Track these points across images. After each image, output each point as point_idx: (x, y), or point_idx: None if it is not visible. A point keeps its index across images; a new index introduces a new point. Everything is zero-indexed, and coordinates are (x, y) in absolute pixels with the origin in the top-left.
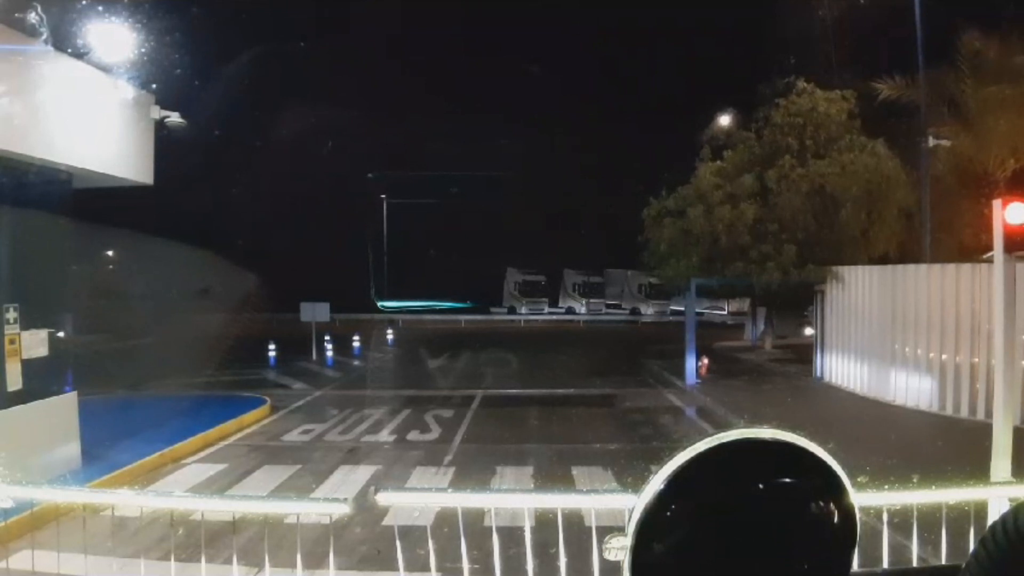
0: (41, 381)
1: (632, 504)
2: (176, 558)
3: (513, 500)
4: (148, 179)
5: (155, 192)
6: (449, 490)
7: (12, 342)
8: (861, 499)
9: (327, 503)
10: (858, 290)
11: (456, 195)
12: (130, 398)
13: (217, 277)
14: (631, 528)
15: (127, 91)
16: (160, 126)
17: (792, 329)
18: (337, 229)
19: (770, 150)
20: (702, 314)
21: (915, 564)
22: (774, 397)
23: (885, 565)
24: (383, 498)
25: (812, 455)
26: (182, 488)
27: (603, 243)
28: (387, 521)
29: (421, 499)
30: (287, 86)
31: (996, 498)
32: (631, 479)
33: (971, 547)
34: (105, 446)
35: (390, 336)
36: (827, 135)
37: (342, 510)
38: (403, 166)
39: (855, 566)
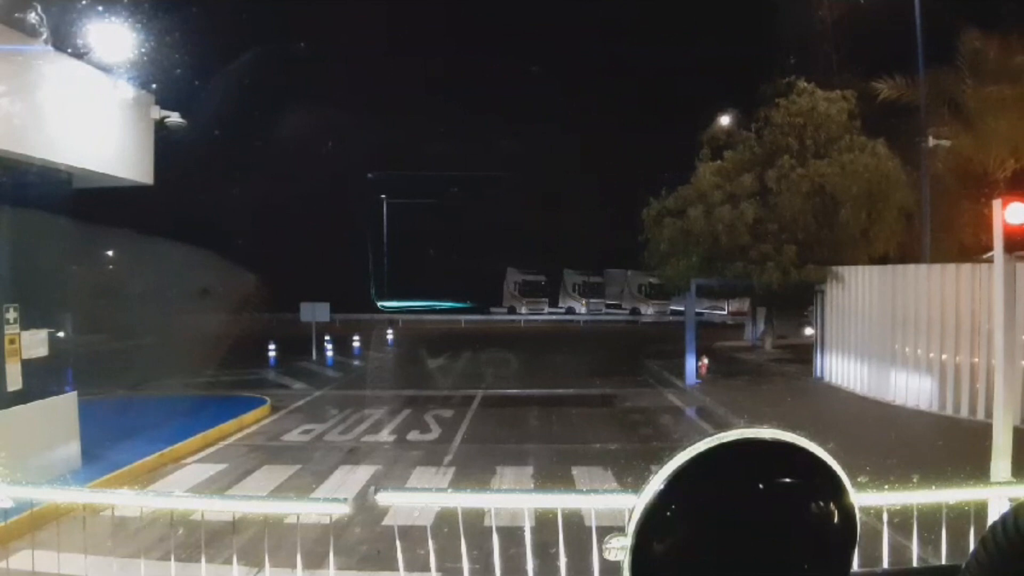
0: (41, 381)
1: (632, 504)
2: (176, 558)
3: (513, 500)
4: (148, 179)
5: (155, 192)
6: (449, 490)
7: (12, 342)
8: (861, 499)
9: (327, 503)
10: (858, 290)
11: (456, 195)
12: (130, 398)
13: (217, 277)
14: (631, 528)
15: (127, 91)
16: (160, 126)
17: (792, 329)
18: (337, 229)
19: (770, 150)
20: (702, 314)
21: (915, 564)
22: (774, 397)
23: (885, 565)
24: (383, 498)
25: (812, 455)
26: (182, 488)
27: (603, 243)
28: (387, 521)
29: (421, 499)
30: (287, 86)
31: (996, 498)
32: (631, 479)
33: (971, 547)
34: (105, 446)
35: (390, 336)
36: (827, 135)
37: (342, 510)
38: (403, 166)
39: (855, 566)
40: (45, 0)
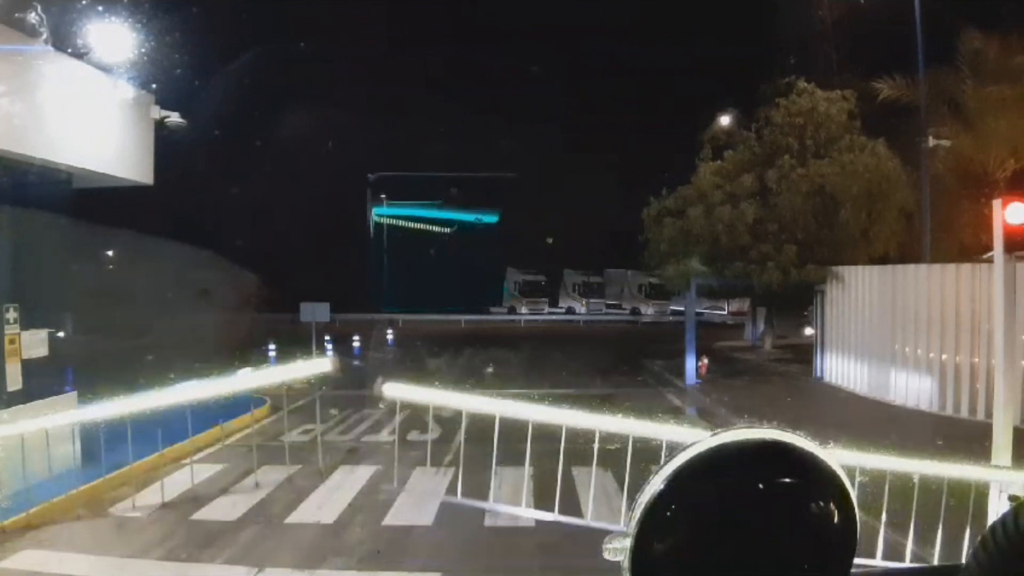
0: (41, 381)
1: (695, 437)
2: (176, 558)
3: (517, 410)
4: (148, 179)
5: (155, 192)
6: (451, 392)
7: (12, 342)
8: (867, 460)
9: (313, 362)
10: (858, 290)
11: (456, 195)
12: (130, 398)
13: (217, 277)
14: (631, 528)
15: (127, 91)
16: (160, 126)
17: (792, 329)
18: (337, 229)
19: (770, 150)
20: (702, 314)
21: (913, 521)
22: (774, 397)
23: (883, 519)
24: (389, 389)
25: (812, 455)
26: (183, 488)
27: (603, 243)
28: (387, 520)
29: (427, 396)
30: (287, 86)
31: (994, 481)
32: (631, 479)
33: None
34: (105, 446)
35: (390, 336)
36: (827, 135)
37: (325, 367)
38: (403, 166)
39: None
40: (45, 0)
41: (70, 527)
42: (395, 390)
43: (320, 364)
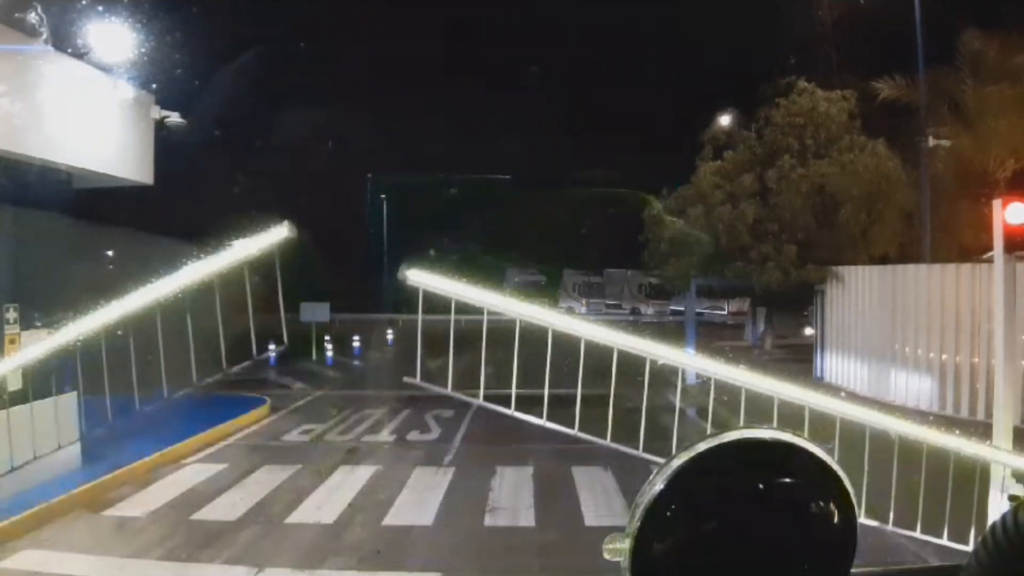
0: (41, 381)
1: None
2: (176, 558)
3: (538, 314)
4: (148, 179)
5: (154, 191)
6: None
7: (12, 342)
8: (875, 419)
9: (274, 230)
10: (858, 290)
11: (456, 195)
12: (130, 398)
13: (216, 276)
14: (631, 528)
15: (127, 91)
16: (160, 126)
17: (792, 329)
18: (337, 229)
19: (770, 150)
20: (702, 314)
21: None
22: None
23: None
24: (413, 275)
25: (812, 455)
26: (183, 488)
27: (603, 243)
28: (387, 521)
29: (447, 287)
30: (287, 86)
31: (996, 463)
32: (632, 479)
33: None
34: (105, 446)
35: (390, 336)
36: (827, 135)
37: (284, 233)
38: (404, 166)
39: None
40: (45, 0)
41: (70, 527)
42: (419, 277)
43: (279, 232)
